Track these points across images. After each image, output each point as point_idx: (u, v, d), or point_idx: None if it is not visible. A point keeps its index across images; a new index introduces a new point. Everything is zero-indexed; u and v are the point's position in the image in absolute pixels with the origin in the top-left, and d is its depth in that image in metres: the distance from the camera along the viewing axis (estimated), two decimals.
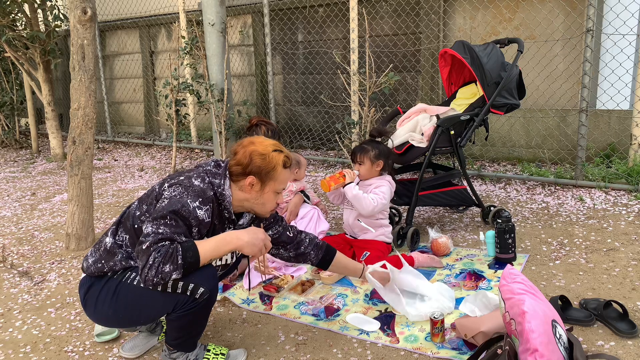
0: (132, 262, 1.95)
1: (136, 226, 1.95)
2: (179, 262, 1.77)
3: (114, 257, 1.95)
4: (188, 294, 1.83)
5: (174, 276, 1.77)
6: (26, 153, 7.47)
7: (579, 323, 2.22)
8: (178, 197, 1.86)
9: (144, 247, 1.77)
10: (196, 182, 1.92)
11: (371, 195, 2.91)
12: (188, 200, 1.85)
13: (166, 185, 1.94)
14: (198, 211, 1.87)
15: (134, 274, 1.92)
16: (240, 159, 1.98)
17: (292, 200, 3.24)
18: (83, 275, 2.05)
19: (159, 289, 1.80)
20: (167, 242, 1.78)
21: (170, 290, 1.81)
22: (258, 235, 1.94)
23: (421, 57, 5.31)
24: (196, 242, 1.85)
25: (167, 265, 1.75)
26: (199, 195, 1.88)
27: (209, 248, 1.85)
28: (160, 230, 1.79)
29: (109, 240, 1.99)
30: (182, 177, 1.95)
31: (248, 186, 1.98)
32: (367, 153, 2.99)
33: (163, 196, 1.89)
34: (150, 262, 1.74)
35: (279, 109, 6.56)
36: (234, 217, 2.04)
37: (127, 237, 1.97)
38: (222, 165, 2.03)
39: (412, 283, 2.51)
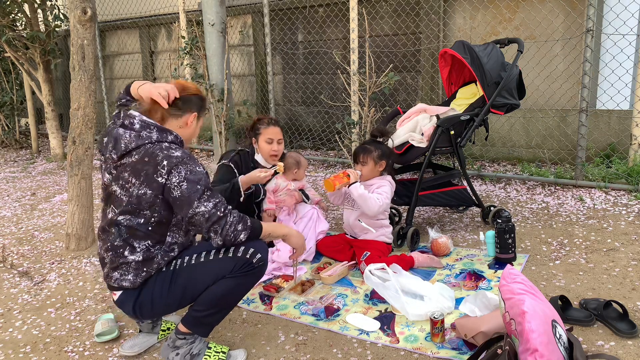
0: (172, 254, 2.04)
1: (150, 228, 1.98)
2: (248, 224, 2.01)
3: (153, 260, 2.00)
4: (248, 256, 2.00)
5: (242, 236, 1.98)
6: (26, 153, 7.47)
7: (579, 323, 2.22)
8: (190, 174, 1.94)
9: (220, 214, 1.94)
10: (178, 153, 1.97)
11: (375, 195, 2.91)
12: (197, 168, 1.98)
13: (162, 177, 1.91)
14: (204, 170, 2.03)
15: (187, 257, 2.04)
16: (186, 91, 2.09)
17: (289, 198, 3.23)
18: (120, 293, 2.04)
19: (221, 248, 2.02)
20: (231, 207, 2.00)
21: (231, 255, 2.00)
22: (302, 236, 2.30)
23: (421, 57, 5.31)
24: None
25: (240, 225, 1.98)
26: (192, 159, 2.00)
27: (268, 226, 2.13)
28: (217, 200, 1.97)
29: (135, 257, 1.98)
30: (166, 161, 1.91)
31: (192, 120, 2.12)
32: (370, 153, 2.99)
33: (173, 183, 1.91)
34: (230, 221, 1.96)
35: (279, 109, 6.56)
36: None
37: (148, 242, 1.99)
38: (147, 122, 2.01)
39: (412, 285, 2.52)
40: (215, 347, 2.15)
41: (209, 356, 2.11)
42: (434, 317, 2.16)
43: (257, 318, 2.50)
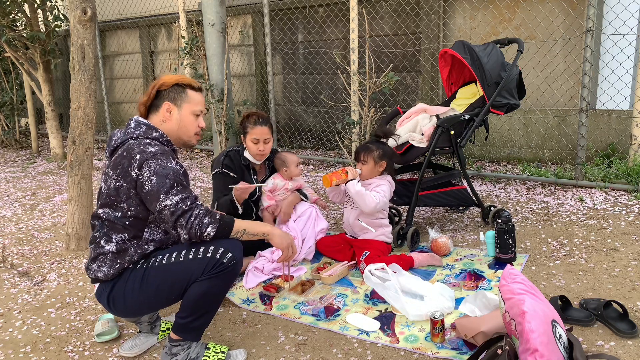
0: (146, 247, 2.03)
1: (127, 222, 1.99)
2: (217, 217, 1.96)
3: (127, 252, 2.01)
4: (218, 256, 1.94)
5: (209, 229, 1.93)
6: (26, 153, 7.47)
7: (579, 323, 2.22)
8: (160, 168, 1.94)
9: (185, 207, 1.92)
10: (153, 149, 1.98)
11: (373, 193, 2.92)
12: (168, 164, 1.96)
13: (135, 171, 1.94)
14: (177, 166, 2.00)
15: (159, 256, 2.01)
16: (149, 91, 2.12)
17: (286, 199, 3.21)
18: (97, 285, 2.08)
19: (191, 249, 1.96)
20: (199, 202, 1.98)
21: (200, 256, 1.95)
22: (290, 237, 2.18)
23: (421, 57, 5.31)
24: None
25: (207, 218, 1.94)
26: (166, 155, 1.99)
27: (243, 222, 2.04)
28: (185, 195, 1.94)
29: (109, 247, 2.01)
30: (138, 155, 1.95)
31: (167, 113, 2.10)
32: (371, 153, 2.99)
33: (144, 177, 1.93)
34: (196, 214, 1.93)
35: (279, 109, 6.56)
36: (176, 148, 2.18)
37: (125, 235, 2.01)
38: (141, 121, 2.08)
39: (412, 285, 2.52)
40: (214, 347, 2.15)
41: (209, 357, 2.11)
42: (434, 317, 2.16)
43: (257, 318, 2.50)
